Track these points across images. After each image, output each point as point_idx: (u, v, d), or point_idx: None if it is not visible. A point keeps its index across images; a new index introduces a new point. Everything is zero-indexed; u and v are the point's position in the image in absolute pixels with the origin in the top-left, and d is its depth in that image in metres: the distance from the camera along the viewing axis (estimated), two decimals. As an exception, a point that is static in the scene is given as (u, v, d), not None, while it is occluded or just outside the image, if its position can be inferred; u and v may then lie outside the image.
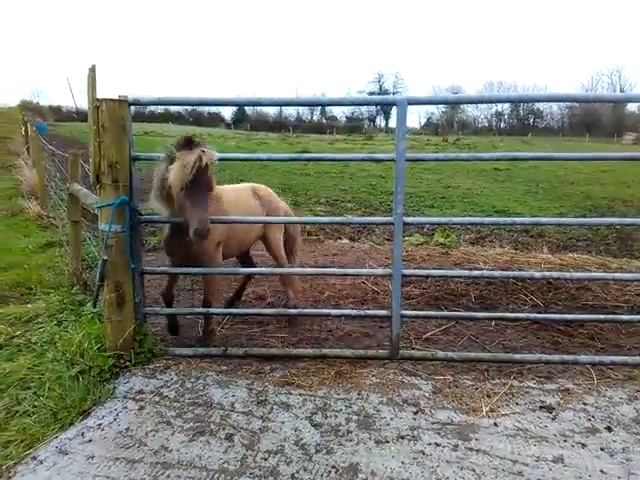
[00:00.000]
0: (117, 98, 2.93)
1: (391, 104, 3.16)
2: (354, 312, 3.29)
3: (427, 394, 2.98)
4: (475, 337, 3.97)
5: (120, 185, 2.95)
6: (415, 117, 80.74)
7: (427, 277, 4.25)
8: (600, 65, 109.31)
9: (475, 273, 3.41)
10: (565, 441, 2.57)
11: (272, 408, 2.79)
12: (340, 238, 7.25)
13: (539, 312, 4.21)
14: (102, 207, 2.99)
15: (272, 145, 32.46)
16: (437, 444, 2.49)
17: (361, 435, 2.57)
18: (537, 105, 66.71)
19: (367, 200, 11.91)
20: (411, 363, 3.36)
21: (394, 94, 73.66)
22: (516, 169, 19.43)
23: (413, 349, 3.49)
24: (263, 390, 2.99)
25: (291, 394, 2.94)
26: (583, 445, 2.54)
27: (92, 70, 2.90)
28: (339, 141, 39.13)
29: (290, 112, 70.12)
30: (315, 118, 68.42)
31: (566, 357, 3.21)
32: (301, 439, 2.52)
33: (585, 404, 2.94)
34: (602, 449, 2.52)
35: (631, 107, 65.73)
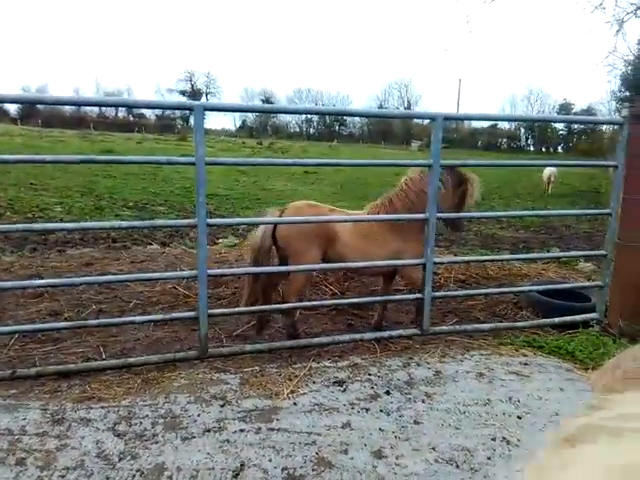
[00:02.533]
0: None
1: (188, 109, 3.23)
2: (159, 317, 3.29)
3: (234, 387, 3.14)
4: (281, 328, 4.29)
5: None
6: (230, 119, 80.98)
7: (233, 276, 4.42)
8: (391, 78, 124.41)
9: (264, 269, 3.69)
10: (352, 408, 2.98)
11: (70, 425, 2.64)
12: (150, 244, 7.01)
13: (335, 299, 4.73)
14: None
15: (72, 144, 29.31)
16: (242, 430, 2.67)
17: (167, 436, 2.61)
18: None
19: (181, 203, 11.66)
20: (221, 360, 3.49)
21: (207, 94, 72.92)
22: (324, 172, 21.02)
23: (222, 347, 3.62)
24: (60, 409, 2.80)
25: (92, 408, 2.81)
26: (367, 410, 2.98)
27: None
28: (149, 140, 37.22)
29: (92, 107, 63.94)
30: (120, 115, 63.65)
31: (355, 336, 3.70)
32: (103, 450, 2.45)
33: (370, 375, 3.44)
34: (381, 411, 2.99)
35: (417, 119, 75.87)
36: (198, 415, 2.80)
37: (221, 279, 5.04)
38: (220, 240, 7.18)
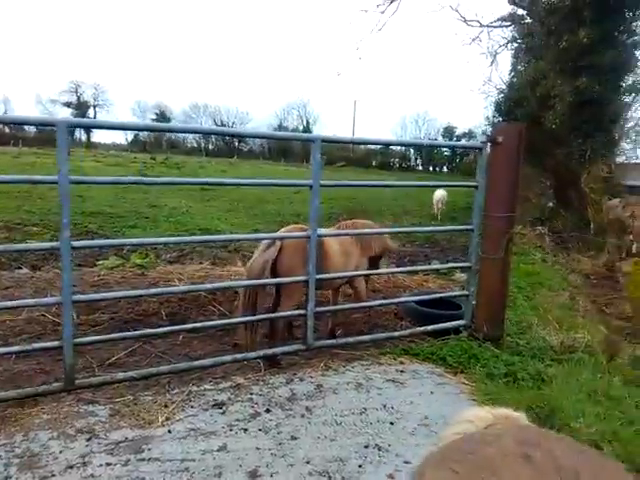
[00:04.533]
0: None
1: (50, 125, 3.03)
2: (17, 348, 3.00)
3: (103, 418, 2.96)
4: (162, 353, 4.13)
5: None
6: (121, 133, 76.89)
7: (105, 300, 4.18)
8: (290, 97, 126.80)
9: (139, 292, 3.56)
10: (231, 430, 2.95)
11: None
12: (19, 267, 6.40)
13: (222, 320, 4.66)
14: None
15: None
16: (108, 464, 2.52)
17: (23, 477, 2.38)
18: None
19: (57, 222, 10.80)
20: (90, 391, 3.27)
21: (95, 107, 68.79)
22: (221, 189, 20.72)
23: (92, 377, 3.39)
24: None
25: None
26: (245, 430, 2.96)
27: None
28: (27, 154, 34.11)
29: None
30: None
31: (237, 356, 3.66)
32: (-61, 505, 2.18)
33: (252, 394, 3.43)
34: (260, 429, 2.99)
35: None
36: (60, 452, 2.60)
37: (98, 304, 4.75)
38: (100, 262, 6.76)
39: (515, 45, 20.23)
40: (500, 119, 18.78)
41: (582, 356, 4.21)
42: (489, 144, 4.50)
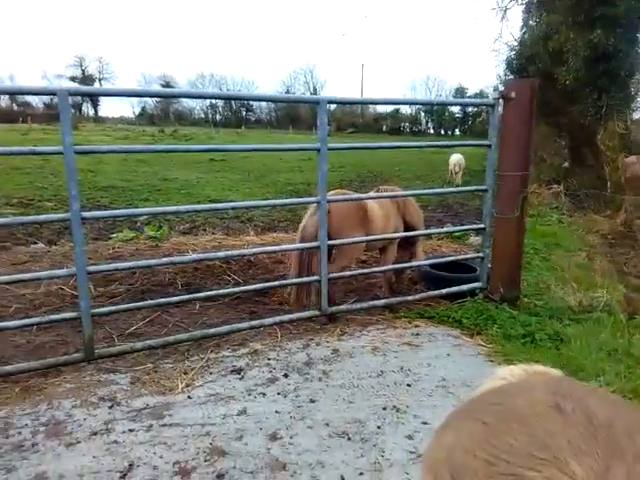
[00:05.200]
0: None
1: (50, 94, 2.98)
2: (35, 320, 3.04)
3: (125, 386, 3.01)
4: (180, 322, 4.17)
5: None
6: (128, 106, 76.38)
7: (121, 271, 4.20)
8: (296, 63, 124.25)
9: (152, 262, 3.56)
10: (249, 394, 2.98)
11: None
12: (35, 242, 6.46)
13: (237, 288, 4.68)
14: None
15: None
16: (131, 430, 2.57)
17: (49, 444, 2.45)
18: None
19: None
20: (110, 361, 3.33)
21: (100, 80, 68.16)
22: (230, 159, 20.60)
23: (111, 347, 3.44)
24: None
25: (-42, 426, 2.56)
26: (264, 394, 3.00)
27: None
28: (36, 131, 34.12)
29: (-33, 96, 57.25)
30: (3, 104, 57.62)
31: (253, 323, 3.69)
32: (-29, 470, 2.24)
33: (269, 359, 3.46)
34: (279, 393, 3.02)
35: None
36: (84, 419, 2.65)
37: (114, 276, 4.79)
38: (114, 234, 6.80)
39: (526, -1, 19.41)
40: (512, 77, 18.22)
41: (601, 315, 4.16)
42: (501, 100, 4.35)
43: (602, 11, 13.21)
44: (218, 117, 70.69)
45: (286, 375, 3.24)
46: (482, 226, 4.62)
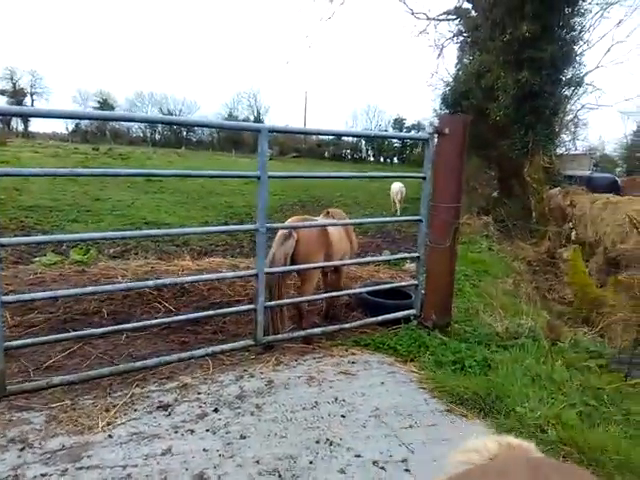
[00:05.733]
0: None
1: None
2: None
3: (39, 426, 2.77)
4: (103, 354, 3.93)
5: None
6: (61, 122, 73.00)
7: (33, 300, 3.89)
8: (240, 87, 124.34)
9: (75, 291, 3.34)
10: (176, 432, 2.83)
11: None
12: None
13: (169, 317, 4.50)
14: None
15: None
16: (43, 475, 2.35)
17: (-57, 499, 2.18)
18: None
19: (-9, 218, 10.11)
20: (24, 397, 3.06)
21: (32, 95, 64.99)
22: (168, 180, 20.09)
23: (25, 381, 3.17)
24: None
25: None
26: (192, 431, 2.85)
27: None
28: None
29: None
30: None
31: (182, 355, 3.53)
32: None
33: (199, 393, 3.31)
34: (207, 430, 2.88)
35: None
36: (-12, 466, 2.40)
37: (34, 304, 4.46)
38: (37, 258, 6.38)
39: (461, 38, 20.70)
40: (447, 111, 19.18)
41: (526, 341, 4.34)
42: (436, 135, 4.54)
43: (529, 53, 14.30)
44: (157, 136, 69.07)
45: (216, 410, 3.10)
46: (417, 254, 4.74)
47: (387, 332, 4.61)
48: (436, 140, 4.59)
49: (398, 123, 68.15)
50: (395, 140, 67.54)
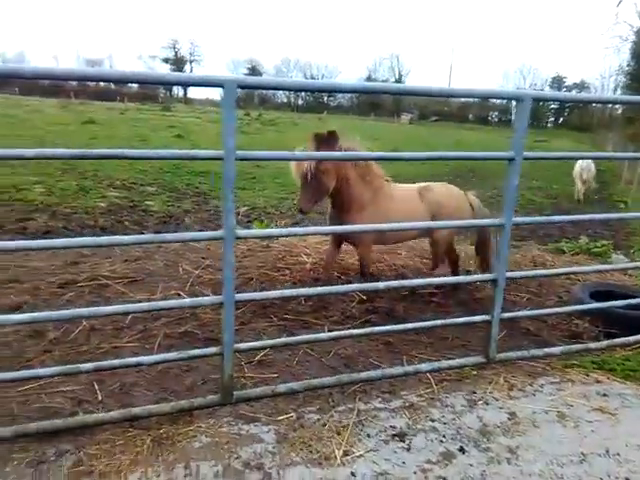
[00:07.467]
0: None
1: (218, 86, 2.42)
2: (172, 355, 2.55)
3: (271, 446, 2.45)
4: (310, 349, 3.61)
5: None
6: (215, 89, 78.25)
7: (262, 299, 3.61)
8: (380, 49, 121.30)
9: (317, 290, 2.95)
10: (425, 477, 2.33)
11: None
12: (142, 232, 6.21)
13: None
14: None
15: (50, 114, 27.73)
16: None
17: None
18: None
19: (171, 182, 10.74)
20: (248, 404, 2.80)
21: (191, 62, 70.35)
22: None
23: (248, 387, 2.92)
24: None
25: (89, 494, 2.11)
26: (444, 479, 2.33)
27: None
28: (131, 110, 35.54)
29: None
30: (102, 83, 60.86)
31: (408, 368, 3.03)
32: None
33: (432, 420, 2.78)
34: None
35: (405, 90, 74.53)
36: (229, 497, 2.12)
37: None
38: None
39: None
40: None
41: None
42: None
43: None
44: (300, 102, 70.73)
45: (462, 450, 2.55)
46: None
47: (632, 354, 3.67)
48: None
49: (557, 82, 60.97)
50: (551, 102, 60.70)
